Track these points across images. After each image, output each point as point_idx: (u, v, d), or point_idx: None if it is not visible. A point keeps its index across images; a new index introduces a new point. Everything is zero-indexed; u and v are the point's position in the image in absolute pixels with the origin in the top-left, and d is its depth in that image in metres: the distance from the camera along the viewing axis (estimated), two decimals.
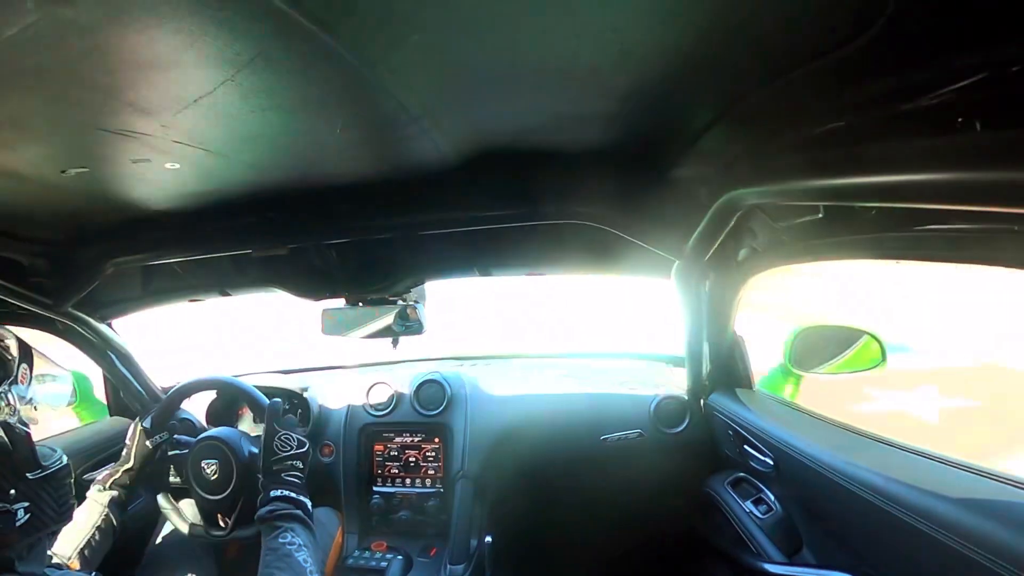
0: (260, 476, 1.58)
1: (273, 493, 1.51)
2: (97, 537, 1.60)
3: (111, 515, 1.66)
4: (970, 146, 0.71)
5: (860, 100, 0.90)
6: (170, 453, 1.83)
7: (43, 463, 1.18)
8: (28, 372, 1.26)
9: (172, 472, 1.79)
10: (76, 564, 1.50)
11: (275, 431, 1.62)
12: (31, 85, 0.81)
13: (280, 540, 1.39)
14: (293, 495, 1.52)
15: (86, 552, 1.55)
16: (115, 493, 1.70)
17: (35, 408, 1.26)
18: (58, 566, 1.44)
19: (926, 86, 0.76)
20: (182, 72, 0.82)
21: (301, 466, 1.61)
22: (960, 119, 0.71)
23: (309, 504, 1.54)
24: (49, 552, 1.44)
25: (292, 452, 1.60)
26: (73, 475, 1.27)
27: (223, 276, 2.19)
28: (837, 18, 0.75)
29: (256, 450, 1.69)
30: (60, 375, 2.42)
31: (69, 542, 1.53)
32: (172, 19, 0.68)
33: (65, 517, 1.23)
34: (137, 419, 1.84)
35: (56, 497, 1.20)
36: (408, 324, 2.07)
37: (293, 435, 1.63)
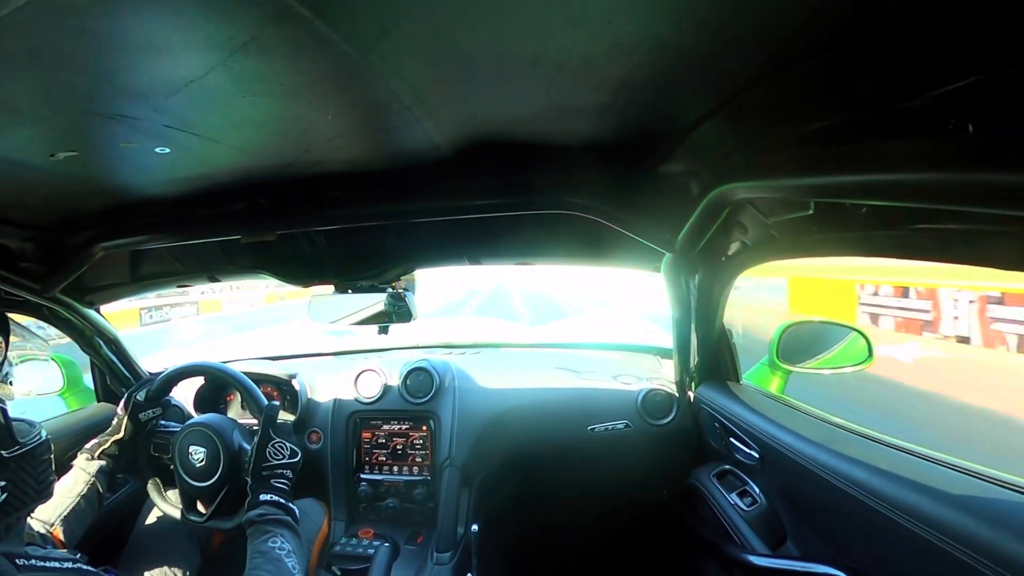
0: (248, 479, 1.58)
1: (263, 497, 1.52)
2: (82, 505, 1.60)
3: (97, 484, 1.66)
4: (961, 147, 0.72)
5: (853, 98, 0.90)
6: (159, 431, 1.83)
7: (21, 439, 1.16)
8: (3, 346, 1.25)
9: (161, 452, 1.79)
10: (59, 531, 1.50)
11: (270, 437, 1.62)
12: (21, 68, 0.80)
13: (270, 544, 1.39)
14: (282, 501, 1.53)
15: (70, 519, 1.55)
16: (103, 463, 1.70)
17: (10, 383, 1.24)
18: (43, 536, 1.44)
19: (919, 86, 0.76)
20: (173, 56, 0.81)
21: (291, 475, 1.62)
22: (952, 120, 0.71)
23: (297, 511, 1.55)
24: (32, 519, 1.43)
25: (284, 461, 1.61)
26: (53, 451, 1.26)
27: (212, 261, 2.18)
28: (832, 16, 0.75)
29: (247, 446, 1.69)
30: (46, 361, 2.41)
31: (53, 508, 1.53)
32: (164, 2, 0.67)
33: (45, 495, 1.22)
34: (131, 390, 1.83)
35: (35, 475, 1.18)
36: (397, 312, 2.08)
37: (287, 444, 1.64)
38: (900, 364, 7.02)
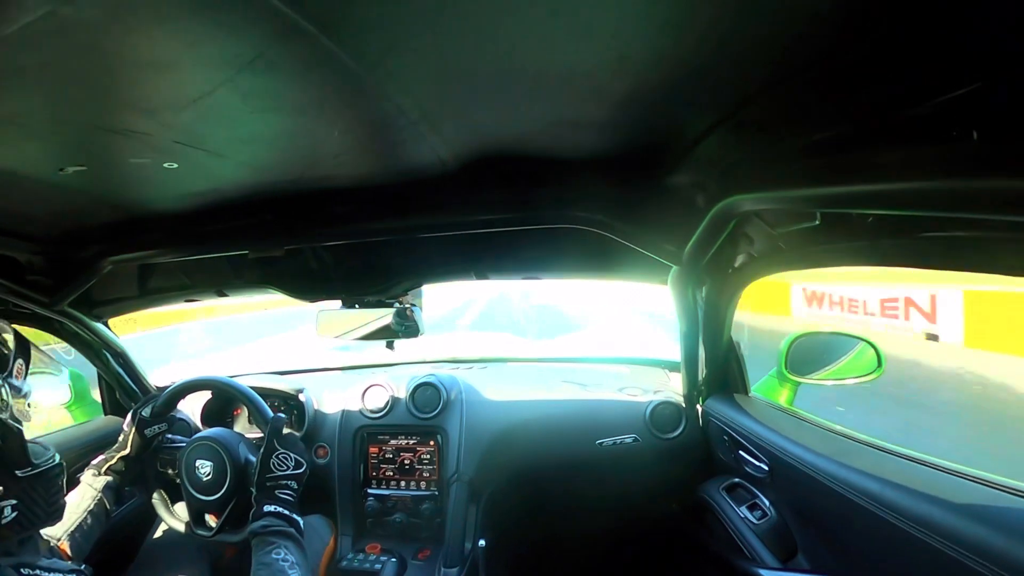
0: (253, 490, 1.58)
1: (267, 508, 1.51)
2: (89, 521, 1.60)
3: (104, 500, 1.66)
4: (966, 155, 0.71)
5: (857, 108, 0.90)
6: (165, 446, 1.83)
7: (34, 461, 1.18)
8: (24, 367, 1.26)
9: (168, 466, 1.79)
10: (65, 545, 1.50)
11: (274, 448, 1.62)
12: (30, 82, 0.81)
13: (274, 556, 1.39)
14: (286, 512, 1.53)
15: (77, 535, 1.55)
16: (109, 478, 1.70)
17: (29, 404, 1.25)
18: (51, 549, 1.44)
19: (922, 94, 0.76)
20: (182, 72, 0.82)
21: (296, 486, 1.62)
22: (957, 127, 0.71)
23: (301, 523, 1.55)
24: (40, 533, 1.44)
25: (288, 472, 1.61)
26: (66, 474, 1.27)
27: (219, 276, 2.19)
28: (835, 26, 0.75)
29: (253, 458, 1.69)
30: (58, 373, 2.42)
31: (60, 524, 1.53)
32: (173, 19, 0.68)
33: (55, 516, 1.23)
34: (137, 406, 1.83)
35: (47, 496, 1.19)
36: (404, 327, 2.08)
37: (291, 455, 1.64)
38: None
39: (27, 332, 1.29)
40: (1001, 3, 0.63)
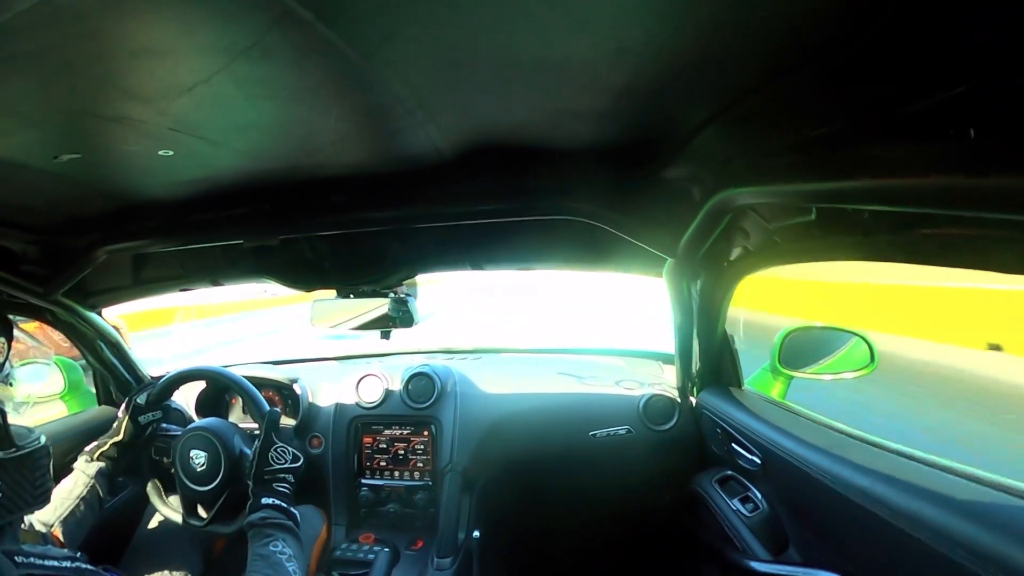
0: (250, 482, 1.59)
1: (264, 500, 1.52)
2: (82, 508, 1.59)
3: (97, 487, 1.66)
4: (963, 152, 0.71)
5: (854, 104, 0.90)
6: (160, 434, 1.83)
7: (18, 443, 1.15)
8: (5, 346, 1.23)
9: (162, 455, 1.79)
10: (58, 531, 1.50)
11: (272, 442, 1.63)
12: (24, 70, 0.80)
13: (271, 548, 1.39)
14: (284, 504, 1.53)
15: (70, 522, 1.55)
16: (102, 465, 1.70)
17: (10, 384, 1.23)
18: (44, 536, 1.44)
19: (920, 91, 0.76)
20: (177, 60, 0.81)
21: (292, 479, 1.63)
22: (954, 125, 0.71)
23: (299, 516, 1.55)
24: (31, 520, 1.43)
25: (286, 466, 1.62)
26: (52, 458, 1.25)
27: (214, 266, 2.19)
28: (834, 21, 0.75)
29: (248, 450, 1.69)
30: (47, 364, 2.41)
31: (52, 509, 1.52)
32: (168, 6, 0.68)
33: (41, 500, 1.20)
34: (132, 394, 1.83)
35: (32, 479, 1.16)
36: (399, 316, 2.08)
37: (289, 449, 1.65)
38: None
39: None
40: (999, 1, 0.63)
